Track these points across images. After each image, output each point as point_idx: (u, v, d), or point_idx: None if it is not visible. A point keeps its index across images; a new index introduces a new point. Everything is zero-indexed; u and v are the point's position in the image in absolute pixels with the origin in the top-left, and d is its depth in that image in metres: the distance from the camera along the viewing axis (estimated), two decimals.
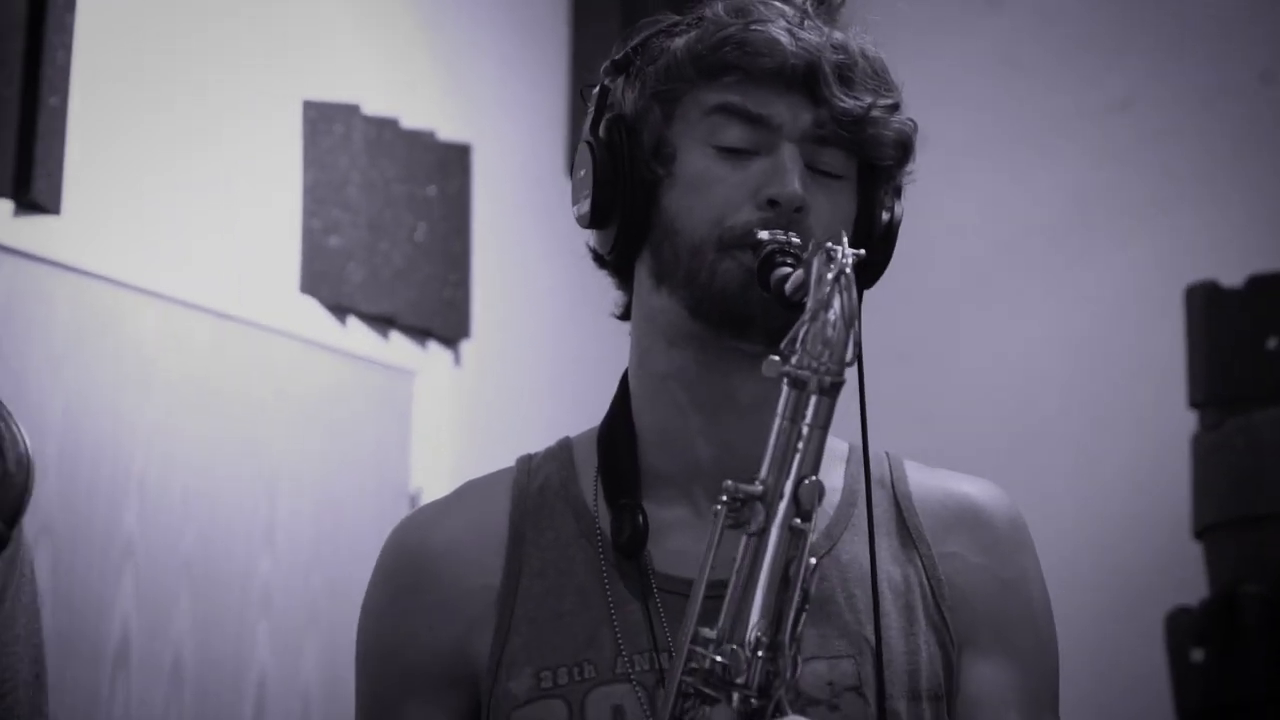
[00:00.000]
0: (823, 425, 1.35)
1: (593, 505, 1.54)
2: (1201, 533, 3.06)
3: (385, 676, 1.56)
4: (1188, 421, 3.13)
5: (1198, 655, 2.92)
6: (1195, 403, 3.11)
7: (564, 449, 1.59)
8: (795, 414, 1.35)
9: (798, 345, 1.34)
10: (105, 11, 2.71)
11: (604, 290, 1.59)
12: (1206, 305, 3.09)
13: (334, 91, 3.12)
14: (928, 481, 1.57)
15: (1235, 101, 3.57)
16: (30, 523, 1.62)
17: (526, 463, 1.59)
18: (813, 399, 1.35)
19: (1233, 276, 3.09)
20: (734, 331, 1.47)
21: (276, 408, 3.02)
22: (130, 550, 2.76)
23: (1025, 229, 3.70)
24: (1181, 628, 3.00)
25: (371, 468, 3.15)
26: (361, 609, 1.59)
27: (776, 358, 1.35)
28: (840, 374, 1.35)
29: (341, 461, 3.11)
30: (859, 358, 1.35)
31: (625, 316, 1.57)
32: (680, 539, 1.51)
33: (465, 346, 3.32)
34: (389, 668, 1.56)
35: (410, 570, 1.56)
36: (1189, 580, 3.06)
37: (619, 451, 1.54)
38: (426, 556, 1.56)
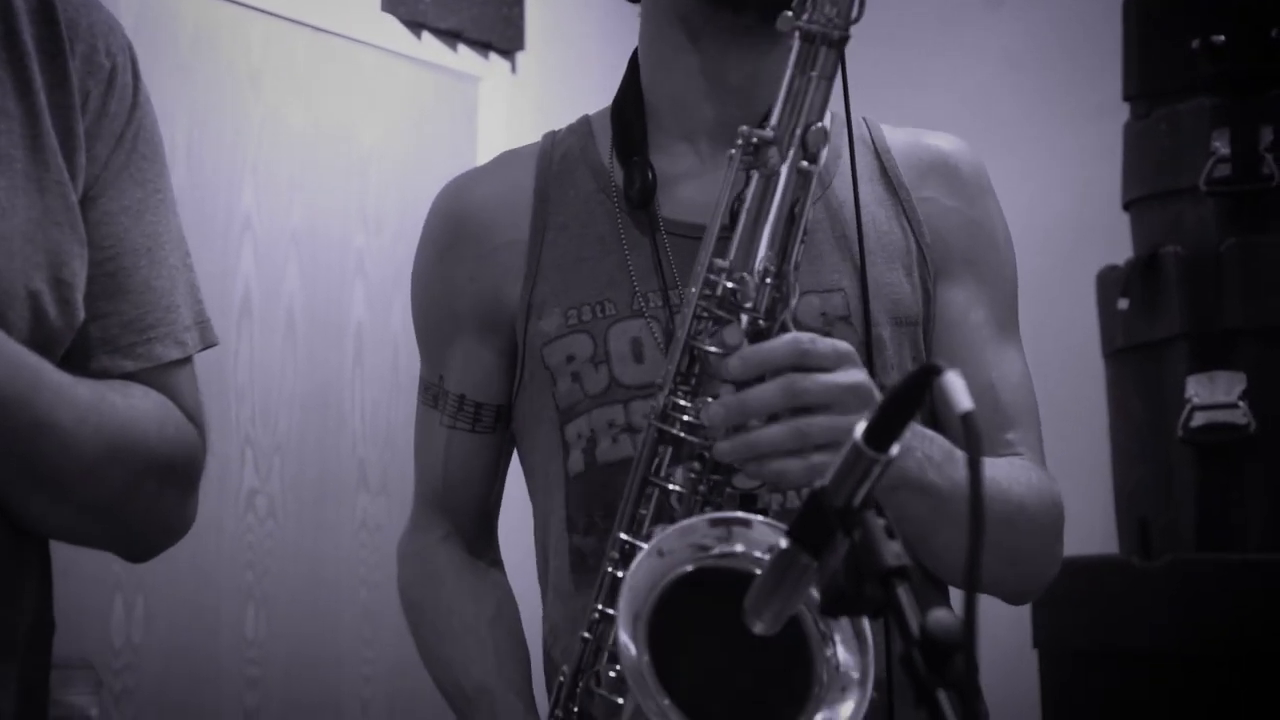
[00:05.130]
0: (829, 76, 1.36)
1: (609, 164, 1.58)
2: (1129, 204, 3.20)
3: (435, 321, 1.63)
4: (1121, 111, 3.21)
5: (1123, 304, 3.06)
6: (1128, 95, 3.19)
7: (583, 123, 1.63)
8: (805, 65, 1.36)
9: (808, 4, 1.36)
10: None
11: (631, 10, 1.62)
12: (1140, 11, 3.16)
13: None
14: (903, 138, 1.60)
15: None
16: None
17: (551, 136, 1.63)
18: (821, 51, 1.36)
19: None
20: (733, 8, 1.49)
21: (365, 107, 3.22)
22: (249, 224, 3.02)
23: None
24: (1110, 282, 3.15)
25: (444, 157, 3.30)
26: (413, 265, 1.65)
27: (790, 13, 1.36)
28: (846, 29, 1.35)
29: (419, 151, 3.30)
30: (858, 18, 1.36)
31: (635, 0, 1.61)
32: (686, 188, 1.54)
33: (520, 57, 3.49)
34: (437, 313, 1.62)
35: (449, 229, 1.61)
36: (1118, 243, 3.20)
37: (629, 116, 1.57)
38: (462, 216, 1.60)
